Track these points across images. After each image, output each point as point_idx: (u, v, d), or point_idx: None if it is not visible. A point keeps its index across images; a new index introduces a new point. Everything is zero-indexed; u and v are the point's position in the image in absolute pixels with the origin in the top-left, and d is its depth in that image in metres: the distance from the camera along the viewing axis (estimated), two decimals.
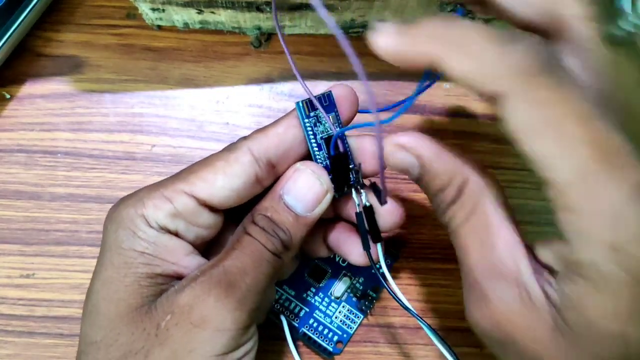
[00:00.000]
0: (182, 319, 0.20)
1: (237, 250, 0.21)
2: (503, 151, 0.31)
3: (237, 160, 0.21)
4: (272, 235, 0.21)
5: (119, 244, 0.21)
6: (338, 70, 0.31)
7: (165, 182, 0.22)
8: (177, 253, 0.21)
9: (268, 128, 0.22)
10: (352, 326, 0.28)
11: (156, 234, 0.21)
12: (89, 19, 0.31)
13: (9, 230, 0.29)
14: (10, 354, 0.28)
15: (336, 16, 0.29)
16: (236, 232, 0.22)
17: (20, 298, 0.29)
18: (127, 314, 0.20)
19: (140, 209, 0.21)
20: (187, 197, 0.21)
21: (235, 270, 0.21)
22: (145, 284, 0.20)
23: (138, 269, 0.20)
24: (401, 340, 0.29)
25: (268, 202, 0.22)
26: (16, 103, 0.30)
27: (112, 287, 0.20)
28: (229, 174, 0.21)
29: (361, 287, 0.28)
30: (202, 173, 0.21)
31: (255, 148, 0.22)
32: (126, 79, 0.31)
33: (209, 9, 0.29)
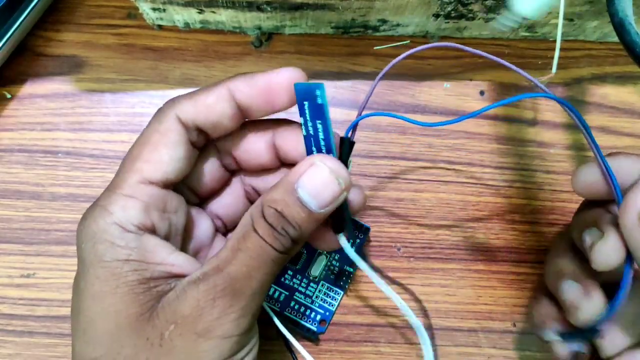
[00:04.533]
0: (186, 330, 0.19)
1: (242, 253, 0.20)
2: (503, 151, 0.31)
3: (169, 130, 0.21)
4: (281, 233, 0.20)
5: (100, 258, 0.20)
6: (339, 70, 0.31)
7: (115, 183, 0.21)
8: (161, 252, 0.21)
9: (198, 94, 0.21)
10: (333, 304, 0.28)
11: (135, 237, 0.20)
12: (90, 18, 0.31)
13: (10, 229, 0.29)
14: (10, 353, 0.28)
15: (336, 16, 0.29)
16: (242, 224, 0.21)
17: (20, 298, 0.29)
18: (128, 324, 0.19)
19: (108, 217, 0.20)
20: (145, 185, 0.21)
21: (241, 276, 0.20)
22: (139, 291, 0.20)
23: (127, 277, 0.20)
24: (401, 340, 0.29)
25: (279, 194, 0.21)
26: (17, 103, 0.30)
27: (106, 301, 0.20)
28: (169, 145, 0.21)
29: (337, 264, 0.29)
30: (144, 155, 0.21)
31: (182, 116, 0.21)
32: (127, 78, 0.31)
33: (209, 9, 0.29)
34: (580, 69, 0.32)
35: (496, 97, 0.32)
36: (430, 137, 0.31)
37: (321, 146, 0.22)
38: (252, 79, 0.21)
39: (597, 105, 0.32)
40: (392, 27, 0.31)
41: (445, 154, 0.31)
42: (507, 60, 0.32)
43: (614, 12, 0.22)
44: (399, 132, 0.31)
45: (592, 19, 0.30)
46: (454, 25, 0.31)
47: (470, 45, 0.32)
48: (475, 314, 0.30)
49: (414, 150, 0.31)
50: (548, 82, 0.32)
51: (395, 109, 0.31)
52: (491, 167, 0.31)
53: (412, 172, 0.31)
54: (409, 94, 0.32)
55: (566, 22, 0.30)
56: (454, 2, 0.28)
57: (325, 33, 0.32)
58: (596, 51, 0.33)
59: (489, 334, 0.30)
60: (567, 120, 0.32)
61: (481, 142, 0.31)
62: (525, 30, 0.31)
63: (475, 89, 0.32)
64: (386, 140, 0.31)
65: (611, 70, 0.32)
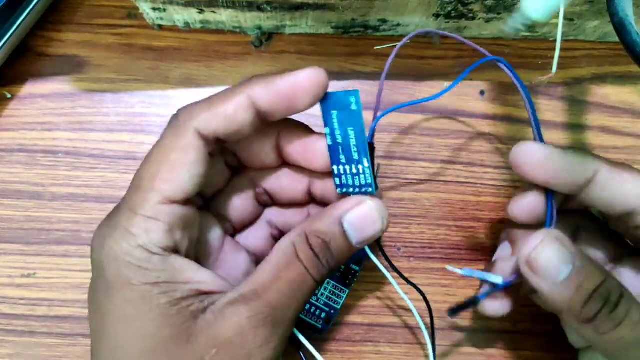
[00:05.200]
0: (228, 355, 0.19)
1: (283, 281, 0.20)
2: (503, 151, 0.31)
3: (190, 146, 0.20)
4: (322, 263, 0.21)
5: (127, 282, 0.19)
6: (339, 70, 0.31)
7: (134, 203, 0.20)
8: (187, 271, 0.20)
9: (216, 103, 0.21)
10: (338, 301, 0.28)
11: (161, 259, 0.20)
12: (90, 18, 0.31)
13: (10, 229, 0.29)
14: (11, 353, 0.28)
15: (337, 16, 0.29)
16: (281, 250, 0.21)
17: (21, 298, 0.29)
18: (163, 347, 0.19)
19: (132, 240, 0.19)
20: (167, 205, 0.20)
21: (282, 306, 0.20)
22: (172, 313, 0.19)
23: (159, 300, 0.19)
24: (401, 340, 0.29)
25: (326, 225, 0.21)
26: (17, 103, 0.30)
27: (138, 324, 0.19)
28: (190, 164, 0.20)
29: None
30: (164, 174, 0.20)
31: (203, 129, 0.20)
32: (127, 78, 0.31)
33: (209, 9, 0.29)
34: (580, 69, 0.32)
35: (496, 97, 0.32)
36: (431, 137, 0.31)
37: (352, 153, 0.22)
38: (273, 84, 0.21)
39: (598, 105, 0.32)
40: (392, 27, 0.31)
41: (445, 153, 0.31)
42: (507, 60, 0.32)
43: (614, 12, 0.22)
44: (399, 131, 0.31)
45: (593, 18, 0.30)
46: (454, 25, 0.31)
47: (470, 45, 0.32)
48: (475, 314, 0.30)
49: (414, 150, 0.31)
50: (548, 82, 0.32)
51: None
52: (491, 167, 0.31)
53: (412, 172, 0.31)
54: (409, 93, 0.32)
55: (566, 22, 0.30)
56: (454, 2, 0.28)
57: (326, 33, 0.32)
58: (596, 51, 0.33)
59: (488, 334, 0.30)
60: (568, 120, 0.32)
61: (481, 142, 0.31)
62: (526, 30, 0.31)
63: (476, 89, 0.32)
64: (386, 140, 0.31)
65: (611, 70, 0.32)
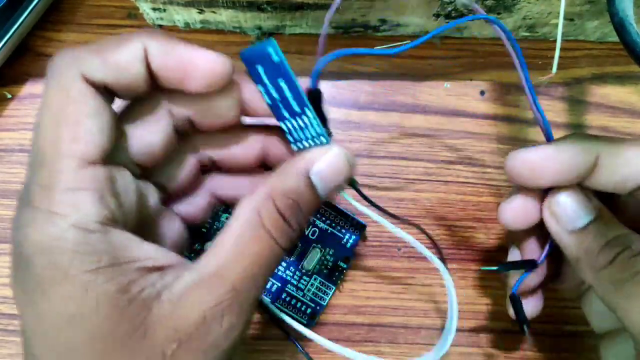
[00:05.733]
0: (192, 347, 0.17)
1: (247, 257, 0.18)
2: (503, 151, 0.31)
3: (83, 95, 0.17)
4: (293, 228, 0.19)
5: (64, 273, 0.16)
6: (339, 70, 0.31)
7: (46, 178, 0.17)
8: (129, 247, 0.17)
9: (106, 48, 0.18)
10: (324, 298, 0.28)
11: (100, 237, 0.17)
12: (90, 18, 0.31)
13: (10, 229, 0.29)
14: (12, 353, 0.28)
15: (337, 16, 0.29)
16: (243, 219, 0.18)
17: None
18: (119, 345, 0.16)
19: (60, 221, 0.16)
20: (86, 169, 0.17)
21: (247, 288, 0.18)
22: (124, 304, 0.16)
23: (106, 291, 0.16)
24: (401, 340, 0.29)
25: (293, 181, 0.19)
26: (17, 103, 0.30)
27: (88, 323, 0.16)
28: (91, 113, 0.17)
29: (332, 258, 0.29)
30: (67, 133, 0.17)
31: (90, 75, 0.17)
32: None
33: (209, 9, 0.29)
34: (580, 69, 0.32)
35: (496, 97, 0.32)
36: (431, 137, 0.31)
37: (292, 106, 0.19)
38: (172, 48, 0.18)
39: (598, 105, 0.32)
40: (392, 27, 0.31)
41: (446, 153, 0.31)
42: (507, 60, 0.32)
43: (614, 12, 0.22)
44: (400, 132, 0.31)
45: (593, 18, 0.30)
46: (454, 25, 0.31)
47: (470, 45, 0.32)
48: (475, 314, 0.30)
49: (414, 150, 0.31)
50: (548, 82, 0.32)
51: (396, 108, 0.31)
52: (491, 167, 0.31)
53: (412, 172, 0.31)
54: (409, 93, 0.32)
55: (566, 22, 0.30)
56: (454, 2, 0.28)
57: (326, 33, 0.32)
58: (596, 51, 0.33)
59: (489, 334, 0.30)
60: (568, 120, 0.32)
61: (481, 142, 0.31)
62: (526, 30, 0.31)
63: (476, 88, 0.32)
64: (386, 140, 0.31)
65: (611, 70, 0.32)
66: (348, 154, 0.20)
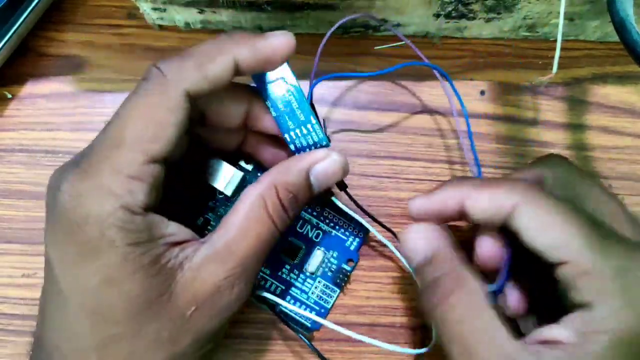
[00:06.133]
0: (207, 310, 0.21)
1: (253, 236, 0.21)
2: (503, 151, 0.31)
3: (179, 108, 0.20)
4: (289, 215, 0.22)
5: (110, 244, 0.19)
6: (339, 70, 0.31)
7: (116, 161, 0.20)
8: (160, 226, 0.21)
9: (204, 65, 0.21)
10: (329, 301, 0.28)
11: (141, 219, 0.20)
12: (91, 18, 0.31)
13: (11, 229, 0.29)
14: (12, 353, 0.28)
15: (337, 16, 0.29)
16: (250, 202, 0.22)
17: (22, 297, 0.29)
18: (149, 307, 0.20)
19: (114, 201, 0.19)
20: (149, 165, 0.20)
21: (253, 262, 0.22)
22: (154, 273, 0.20)
23: (142, 261, 0.20)
24: (402, 340, 0.29)
25: (295, 178, 0.23)
26: (18, 103, 0.31)
27: (124, 287, 0.20)
28: (178, 125, 0.20)
29: (335, 261, 0.29)
30: (151, 133, 0.20)
31: (192, 91, 0.21)
32: (127, 78, 0.31)
33: (210, 9, 0.29)
34: (581, 69, 0.32)
35: (496, 96, 0.32)
36: (431, 137, 0.31)
37: (297, 116, 0.24)
38: (256, 46, 0.22)
39: (598, 105, 0.32)
40: (392, 27, 0.31)
41: (446, 153, 0.31)
42: (507, 60, 0.32)
43: (614, 11, 0.22)
44: (400, 132, 0.31)
45: (593, 18, 0.30)
46: (455, 25, 0.31)
47: (470, 45, 0.32)
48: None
49: (414, 150, 0.31)
50: (548, 81, 0.32)
51: (396, 108, 0.31)
52: (492, 167, 0.31)
53: (412, 171, 0.31)
54: (410, 93, 0.32)
55: (567, 22, 0.30)
56: (454, 2, 0.28)
57: (326, 33, 0.32)
58: (597, 51, 0.33)
59: None
60: (569, 120, 0.32)
61: (482, 142, 0.31)
62: (526, 30, 0.31)
63: (476, 88, 0.32)
64: (387, 140, 0.31)
65: (612, 70, 0.32)
66: (344, 161, 0.24)
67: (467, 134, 0.28)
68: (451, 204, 0.23)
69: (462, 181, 0.24)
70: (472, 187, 0.23)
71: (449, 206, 0.23)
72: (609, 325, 0.19)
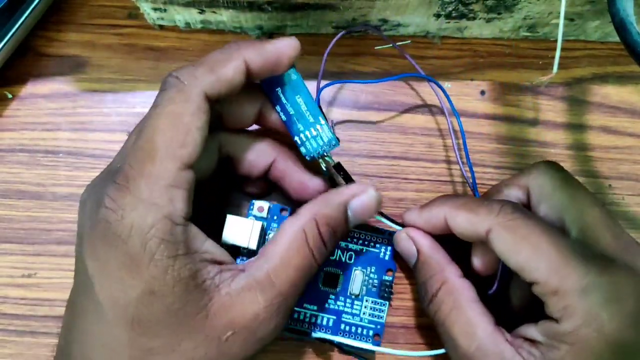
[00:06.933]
0: (244, 337, 0.21)
1: (294, 268, 0.22)
2: (504, 151, 0.31)
3: (200, 110, 0.21)
4: (327, 248, 0.23)
5: (151, 256, 0.19)
6: (339, 70, 0.31)
7: (151, 171, 0.20)
8: (198, 240, 0.21)
9: (217, 68, 0.22)
10: (381, 316, 0.28)
11: (182, 230, 0.20)
12: (91, 18, 0.31)
13: (11, 229, 0.29)
14: (12, 353, 0.28)
15: (337, 16, 0.29)
16: (291, 232, 0.22)
17: (22, 297, 0.29)
18: (187, 322, 0.20)
19: (157, 212, 0.20)
20: (184, 172, 0.20)
21: (291, 295, 0.22)
22: (192, 289, 0.20)
23: (180, 273, 0.20)
24: (402, 340, 0.29)
25: (334, 212, 0.23)
26: (18, 103, 0.31)
27: (165, 299, 0.20)
28: (201, 127, 0.21)
29: (375, 275, 0.28)
30: (180, 139, 0.20)
31: (209, 93, 0.21)
32: (128, 78, 0.31)
33: (210, 9, 0.29)
34: (581, 69, 0.32)
35: (497, 96, 0.32)
36: (431, 136, 0.31)
37: (307, 118, 0.25)
38: (263, 50, 0.22)
39: (598, 105, 0.32)
40: (393, 27, 0.31)
41: (446, 153, 0.31)
42: (508, 60, 0.32)
43: (615, 11, 0.22)
44: (400, 132, 0.31)
45: (593, 18, 0.30)
46: (455, 25, 0.31)
47: (471, 45, 0.32)
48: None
49: (414, 150, 0.31)
50: (549, 81, 0.32)
51: (396, 108, 0.31)
52: (491, 167, 0.31)
53: (412, 172, 0.31)
54: (410, 93, 0.32)
55: (567, 22, 0.30)
56: (454, 2, 0.28)
57: (326, 33, 0.32)
58: (597, 51, 0.33)
59: None
60: (569, 120, 0.32)
61: (482, 142, 0.31)
62: (527, 30, 0.31)
63: (476, 88, 0.32)
64: (387, 140, 0.31)
65: (612, 70, 0.32)
66: (380, 197, 0.25)
67: (463, 137, 0.29)
68: (436, 222, 0.25)
69: (445, 201, 0.26)
70: (452, 208, 0.25)
71: (435, 224, 0.26)
72: (570, 339, 0.21)
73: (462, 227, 0.24)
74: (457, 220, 0.24)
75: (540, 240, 0.22)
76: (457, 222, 0.24)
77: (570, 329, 0.21)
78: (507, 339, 0.23)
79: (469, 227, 0.24)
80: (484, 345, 0.23)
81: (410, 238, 0.27)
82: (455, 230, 0.25)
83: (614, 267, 0.22)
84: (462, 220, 0.24)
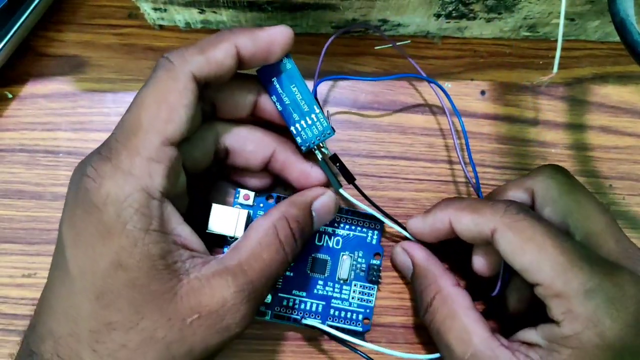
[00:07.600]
0: (209, 323, 0.20)
1: (265, 259, 0.22)
2: (504, 151, 0.31)
3: (187, 89, 0.21)
4: (297, 244, 0.24)
5: (123, 225, 0.19)
6: (339, 70, 0.31)
7: (133, 144, 0.20)
8: (172, 221, 0.21)
9: (206, 49, 0.22)
10: (370, 300, 0.28)
11: (158, 205, 0.20)
12: (91, 18, 0.31)
13: (11, 229, 0.29)
14: (12, 353, 0.28)
15: (337, 16, 0.29)
16: (263, 229, 0.23)
17: (22, 297, 0.29)
18: (151, 300, 0.20)
19: (134, 182, 0.20)
20: (167, 147, 0.20)
21: (261, 285, 0.22)
22: (161, 267, 0.20)
23: (149, 249, 0.20)
24: (401, 340, 0.29)
25: (301, 212, 0.24)
26: (18, 103, 0.31)
27: (131, 274, 0.19)
28: (188, 105, 0.21)
29: (363, 260, 0.29)
30: (165, 115, 0.21)
31: (197, 74, 0.21)
32: (128, 78, 0.31)
33: (210, 9, 0.29)
34: (581, 69, 0.32)
35: (497, 96, 0.32)
36: (431, 136, 0.31)
37: (302, 107, 0.25)
38: (255, 36, 0.23)
39: (599, 105, 0.32)
40: (393, 27, 0.31)
41: (446, 153, 0.31)
42: (508, 60, 0.32)
43: (615, 11, 0.22)
44: (400, 131, 0.31)
45: (594, 18, 0.30)
46: (455, 25, 0.31)
47: (471, 45, 0.32)
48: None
49: (414, 150, 0.31)
50: (549, 81, 0.32)
51: (396, 108, 0.31)
52: (491, 167, 0.31)
53: (412, 172, 0.31)
54: (410, 93, 0.32)
55: (567, 22, 0.30)
56: (455, 2, 0.28)
57: (326, 33, 0.32)
58: (597, 51, 0.33)
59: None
60: (569, 120, 0.32)
61: (482, 142, 0.31)
62: (527, 30, 0.31)
63: (476, 88, 0.32)
64: (387, 140, 0.31)
65: (612, 70, 0.32)
66: (336, 198, 0.26)
67: (465, 138, 0.29)
68: (441, 226, 0.26)
69: (448, 204, 0.26)
70: (456, 210, 0.25)
71: (440, 228, 0.26)
72: (571, 343, 0.21)
73: (467, 228, 0.24)
74: (462, 222, 0.24)
75: (545, 242, 0.22)
76: (462, 224, 0.24)
77: (572, 333, 0.21)
78: (502, 344, 0.23)
79: (474, 228, 0.24)
80: (479, 351, 0.23)
81: (405, 251, 0.28)
82: (459, 232, 0.25)
83: (617, 271, 0.22)
84: (467, 221, 0.24)
